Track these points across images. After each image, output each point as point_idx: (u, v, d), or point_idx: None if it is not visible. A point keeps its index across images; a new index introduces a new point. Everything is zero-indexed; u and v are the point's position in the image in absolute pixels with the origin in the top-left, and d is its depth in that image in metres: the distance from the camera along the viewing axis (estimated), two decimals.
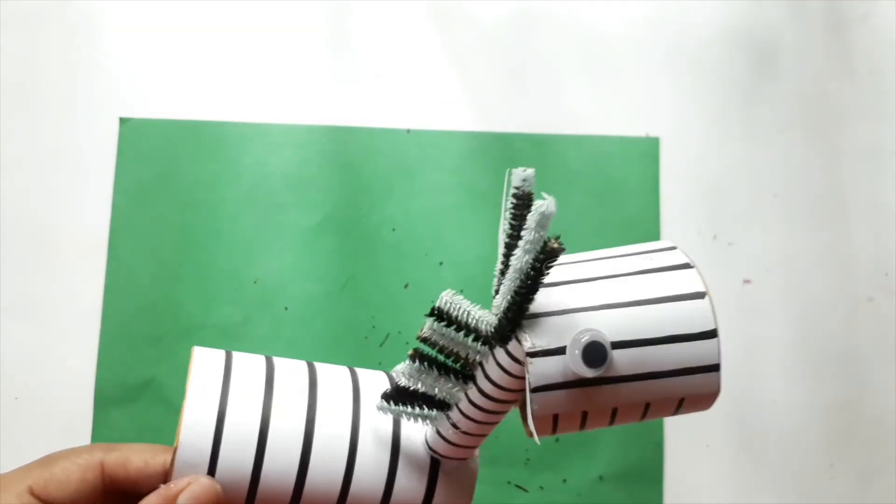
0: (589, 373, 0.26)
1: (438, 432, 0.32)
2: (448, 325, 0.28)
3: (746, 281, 0.58)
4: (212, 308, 0.56)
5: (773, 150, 0.60)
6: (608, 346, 0.26)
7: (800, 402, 0.57)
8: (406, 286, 0.56)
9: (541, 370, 0.27)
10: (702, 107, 0.60)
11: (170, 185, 0.57)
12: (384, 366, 0.55)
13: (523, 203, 0.30)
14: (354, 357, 0.55)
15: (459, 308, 0.28)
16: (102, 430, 0.54)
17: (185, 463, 0.30)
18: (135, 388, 0.55)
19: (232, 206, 0.57)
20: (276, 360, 0.34)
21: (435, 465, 0.33)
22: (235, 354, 0.33)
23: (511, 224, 0.30)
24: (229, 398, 0.31)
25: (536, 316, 0.27)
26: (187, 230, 0.56)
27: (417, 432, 0.33)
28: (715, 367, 0.27)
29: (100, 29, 0.59)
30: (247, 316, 0.56)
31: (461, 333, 0.29)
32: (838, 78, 0.61)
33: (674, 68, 0.61)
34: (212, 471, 0.30)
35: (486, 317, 0.28)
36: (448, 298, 0.28)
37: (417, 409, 0.31)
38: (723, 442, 0.56)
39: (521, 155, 0.58)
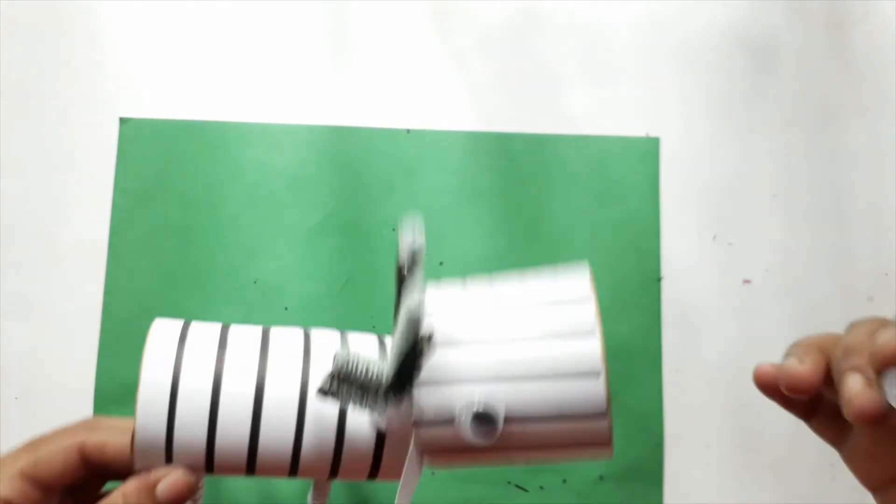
0: (478, 443, 0.26)
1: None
2: (349, 384, 0.28)
3: (746, 281, 0.58)
4: (212, 308, 0.56)
5: (773, 150, 0.60)
6: (498, 419, 0.26)
7: None
8: None
9: (428, 437, 0.27)
10: (702, 107, 0.60)
11: (170, 185, 0.57)
12: None
13: (411, 264, 0.30)
14: None
15: (357, 366, 0.28)
16: None
17: (143, 440, 0.31)
18: (135, 388, 0.54)
19: (232, 206, 0.57)
20: (232, 326, 0.35)
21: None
22: (193, 323, 0.35)
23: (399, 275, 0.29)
24: (182, 366, 0.32)
25: (429, 384, 0.27)
26: (187, 230, 0.56)
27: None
28: (606, 443, 0.29)
29: (100, 29, 0.59)
30: (247, 316, 0.56)
31: (359, 391, 0.28)
32: (838, 78, 0.61)
33: (674, 68, 0.61)
34: (168, 439, 0.31)
35: (381, 372, 0.28)
36: (343, 357, 0.28)
37: (354, 399, 0.30)
38: (723, 442, 0.56)
39: (521, 155, 0.58)
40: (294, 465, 0.32)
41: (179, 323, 0.35)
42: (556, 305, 0.28)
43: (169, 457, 0.32)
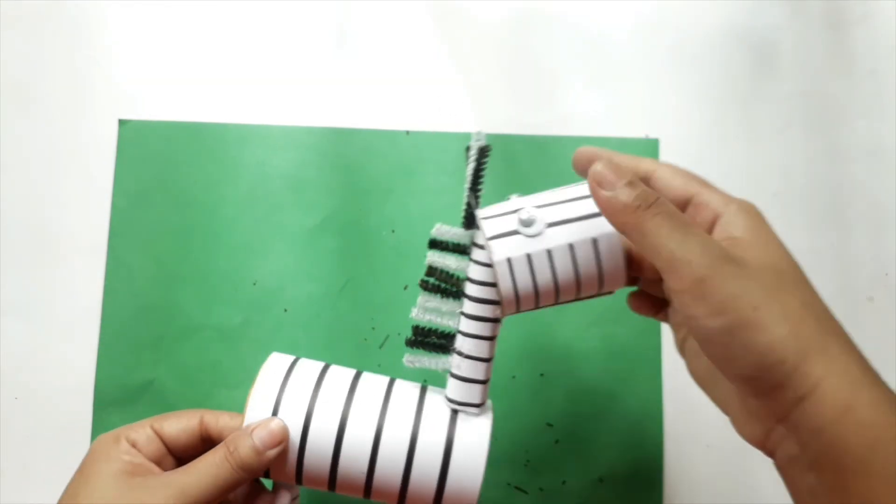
0: (526, 231, 0.37)
1: (451, 374, 0.40)
2: (442, 250, 0.40)
3: None
4: (211, 309, 0.56)
5: (773, 150, 0.60)
6: (538, 217, 0.38)
7: None
8: (405, 288, 0.56)
9: (498, 244, 0.37)
10: (701, 107, 0.60)
11: (169, 186, 0.57)
12: (383, 367, 0.55)
13: (479, 154, 0.39)
14: (354, 359, 0.55)
15: (447, 232, 0.40)
16: (102, 432, 0.54)
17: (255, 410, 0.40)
18: (134, 389, 0.55)
19: (231, 208, 0.57)
20: (331, 366, 0.43)
21: (454, 417, 0.40)
22: (300, 360, 0.43)
23: (474, 175, 0.39)
24: (287, 386, 0.41)
25: (491, 217, 0.38)
26: (187, 231, 0.56)
27: (439, 396, 0.41)
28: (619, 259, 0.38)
29: (99, 30, 0.59)
30: (246, 317, 0.56)
31: (452, 252, 0.40)
32: (838, 78, 0.61)
33: (673, 69, 0.61)
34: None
35: (461, 230, 0.40)
36: (437, 230, 0.40)
37: (434, 353, 0.41)
38: (723, 442, 0.56)
39: (521, 156, 0.58)
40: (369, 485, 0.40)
41: (290, 358, 0.43)
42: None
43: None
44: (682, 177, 0.37)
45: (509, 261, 0.37)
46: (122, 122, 0.58)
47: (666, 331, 0.57)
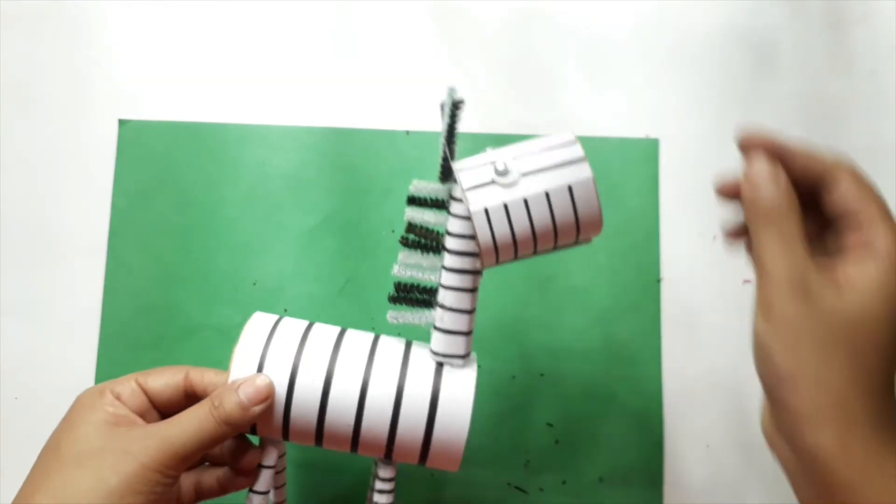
0: (502, 181, 0.38)
1: (434, 327, 0.41)
2: (420, 206, 0.41)
3: (746, 281, 0.58)
4: (211, 309, 0.56)
5: None
6: (513, 168, 0.39)
7: None
8: None
9: (475, 195, 0.38)
10: (701, 107, 0.60)
11: (169, 186, 0.57)
12: None
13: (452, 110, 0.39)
14: None
15: (424, 188, 0.41)
16: None
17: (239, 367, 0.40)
18: None
19: (231, 208, 0.57)
20: (315, 323, 0.43)
21: (439, 369, 0.41)
22: (284, 318, 0.43)
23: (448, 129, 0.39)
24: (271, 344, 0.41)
25: (467, 169, 0.39)
26: (187, 231, 0.57)
27: (424, 350, 0.42)
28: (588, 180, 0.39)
29: (99, 30, 0.60)
30: (246, 317, 0.54)
31: (430, 208, 0.41)
32: (838, 78, 0.61)
33: (673, 69, 0.61)
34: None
35: (438, 185, 0.41)
36: (415, 186, 0.41)
37: (417, 308, 0.41)
38: (723, 442, 0.56)
39: None
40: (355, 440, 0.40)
41: (273, 317, 0.43)
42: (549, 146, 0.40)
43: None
44: (861, 199, 0.35)
45: (486, 211, 0.38)
46: (122, 122, 0.58)
47: (666, 331, 0.57)
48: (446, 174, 0.40)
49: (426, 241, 0.41)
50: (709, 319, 0.57)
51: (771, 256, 0.34)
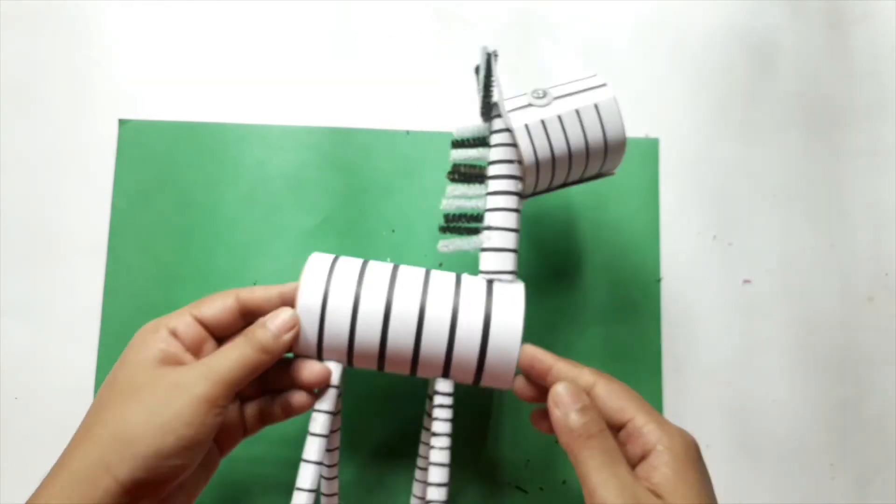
0: (538, 103, 0.44)
1: (483, 249, 0.45)
2: (463, 147, 0.46)
3: (746, 281, 0.58)
4: None
5: (773, 150, 0.60)
6: (548, 92, 0.45)
7: (799, 401, 0.57)
8: None
9: (516, 115, 0.44)
10: (701, 107, 0.60)
11: (169, 186, 0.57)
12: None
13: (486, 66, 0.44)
14: None
15: (466, 129, 0.46)
16: None
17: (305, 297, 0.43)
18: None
19: (231, 208, 0.57)
20: (370, 261, 0.45)
21: (490, 286, 0.44)
22: (341, 257, 0.45)
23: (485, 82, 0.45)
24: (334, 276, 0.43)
25: (508, 98, 0.45)
26: (186, 231, 0.57)
27: (474, 276, 0.45)
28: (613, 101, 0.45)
29: (99, 30, 0.60)
30: None
31: (472, 147, 0.46)
32: (838, 78, 0.61)
33: (673, 69, 0.61)
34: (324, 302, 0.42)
35: (480, 123, 0.46)
36: (458, 129, 0.46)
37: (466, 235, 0.45)
38: (722, 442, 0.56)
39: None
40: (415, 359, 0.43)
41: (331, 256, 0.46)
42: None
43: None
44: (619, 399, 0.40)
45: (527, 126, 0.44)
46: (122, 122, 0.58)
47: (667, 332, 0.57)
48: (487, 111, 0.45)
49: (470, 174, 0.45)
50: (708, 319, 0.57)
51: (603, 486, 0.36)
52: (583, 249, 0.57)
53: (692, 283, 0.58)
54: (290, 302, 0.43)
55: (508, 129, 0.44)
